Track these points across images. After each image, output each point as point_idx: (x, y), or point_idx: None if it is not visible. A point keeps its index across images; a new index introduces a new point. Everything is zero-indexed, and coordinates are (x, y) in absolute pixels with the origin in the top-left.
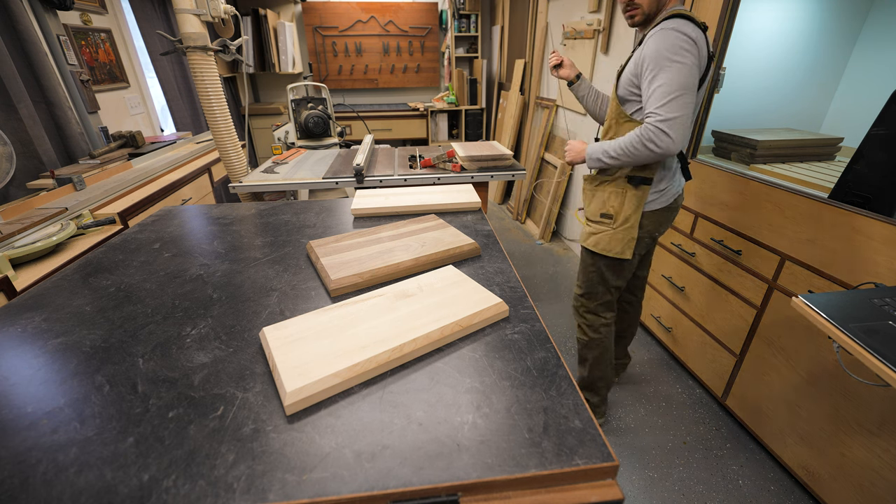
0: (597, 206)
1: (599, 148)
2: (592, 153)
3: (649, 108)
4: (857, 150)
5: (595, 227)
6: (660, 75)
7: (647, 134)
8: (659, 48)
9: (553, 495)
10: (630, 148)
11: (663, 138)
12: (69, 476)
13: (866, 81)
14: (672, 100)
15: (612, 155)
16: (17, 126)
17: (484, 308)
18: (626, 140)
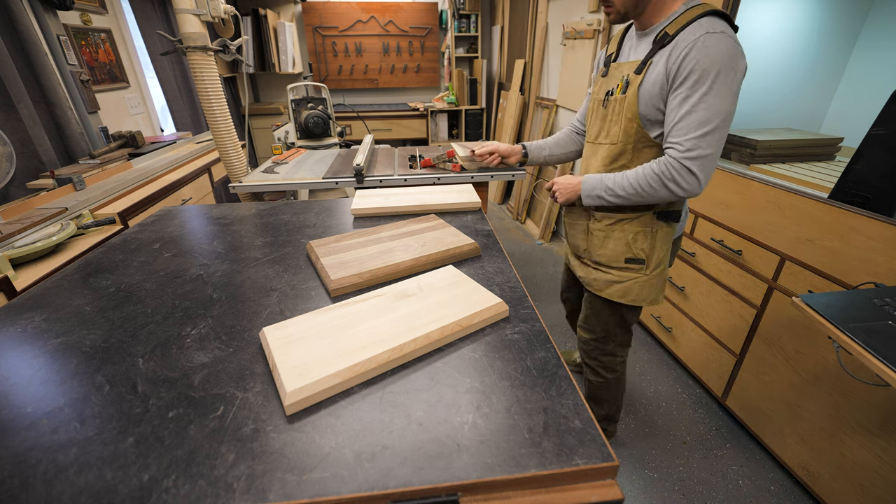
0: (617, 249)
1: (600, 183)
2: (591, 189)
3: (677, 136)
4: (857, 150)
5: (619, 275)
6: (703, 95)
7: (670, 171)
8: (712, 58)
9: (553, 495)
10: (645, 186)
11: (690, 180)
12: (69, 476)
13: (866, 81)
14: (710, 132)
15: (619, 193)
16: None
17: (484, 308)
18: (640, 176)
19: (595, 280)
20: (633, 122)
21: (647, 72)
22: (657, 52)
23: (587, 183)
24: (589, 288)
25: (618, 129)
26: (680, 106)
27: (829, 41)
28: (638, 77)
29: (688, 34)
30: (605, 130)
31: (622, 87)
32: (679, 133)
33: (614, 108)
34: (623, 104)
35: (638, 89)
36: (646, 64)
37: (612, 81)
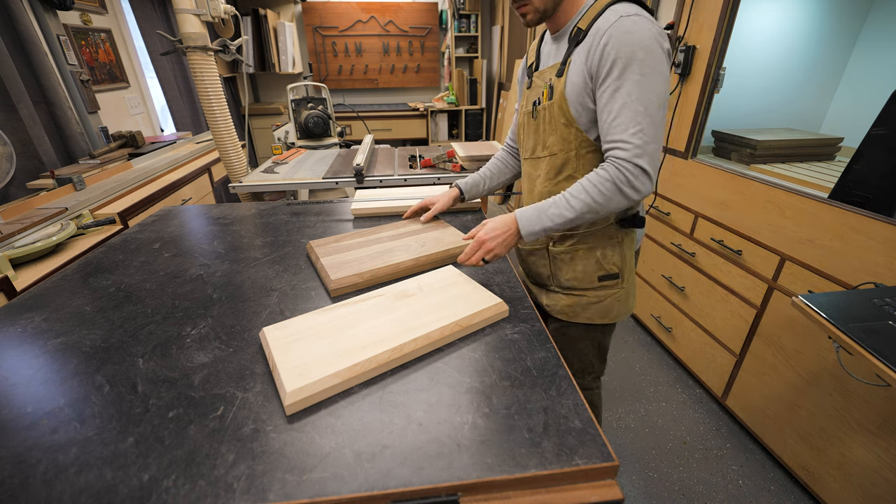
0: (588, 268)
1: (539, 213)
2: (531, 224)
3: (618, 133)
4: (857, 150)
5: (595, 295)
6: (634, 84)
7: (624, 175)
8: (632, 43)
9: (553, 495)
10: (598, 198)
11: (644, 180)
12: (69, 476)
13: (866, 81)
14: (649, 123)
15: (568, 216)
16: (18, 126)
17: (484, 308)
18: (589, 188)
19: (568, 307)
20: (570, 128)
21: (567, 71)
22: (574, 49)
23: (524, 219)
24: (560, 316)
25: (554, 137)
26: (612, 100)
27: (829, 41)
28: (561, 79)
29: (601, 24)
30: (542, 142)
31: (547, 93)
32: (619, 130)
33: (545, 117)
34: (552, 110)
35: (564, 91)
36: (565, 64)
37: (537, 91)
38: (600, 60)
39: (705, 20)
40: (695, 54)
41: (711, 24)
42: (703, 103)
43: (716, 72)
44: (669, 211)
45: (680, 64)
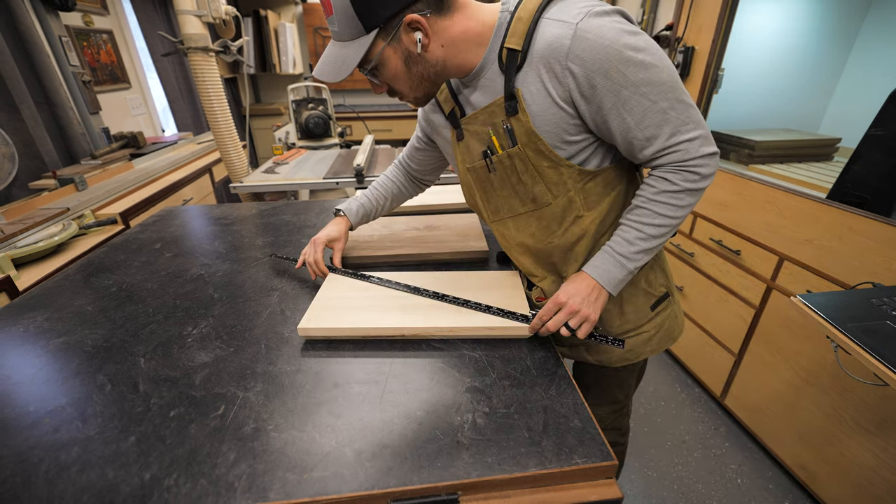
0: (639, 303)
1: (615, 261)
2: (614, 276)
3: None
4: (855, 150)
5: (654, 325)
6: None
7: (692, 174)
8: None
9: (553, 494)
10: (675, 213)
11: (712, 162)
12: (71, 475)
13: (864, 82)
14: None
15: (649, 247)
16: (20, 127)
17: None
18: (661, 205)
19: (628, 352)
20: (560, 168)
21: (524, 105)
22: (514, 77)
23: (602, 275)
24: (621, 364)
25: (542, 187)
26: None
27: (827, 42)
28: (519, 117)
29: (552, 43)
30: (521, 196)
31: (506, 138)
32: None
33: (515, 167)
34: (525, 157)
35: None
36: (514, 98)
37: (481, 139)
38: (583, 85)
39: (704, 21)
40: (694, 55)
41: (710, 25)
42: (702, 104)
43: (714, 72)
44: None
45: (679, 65)
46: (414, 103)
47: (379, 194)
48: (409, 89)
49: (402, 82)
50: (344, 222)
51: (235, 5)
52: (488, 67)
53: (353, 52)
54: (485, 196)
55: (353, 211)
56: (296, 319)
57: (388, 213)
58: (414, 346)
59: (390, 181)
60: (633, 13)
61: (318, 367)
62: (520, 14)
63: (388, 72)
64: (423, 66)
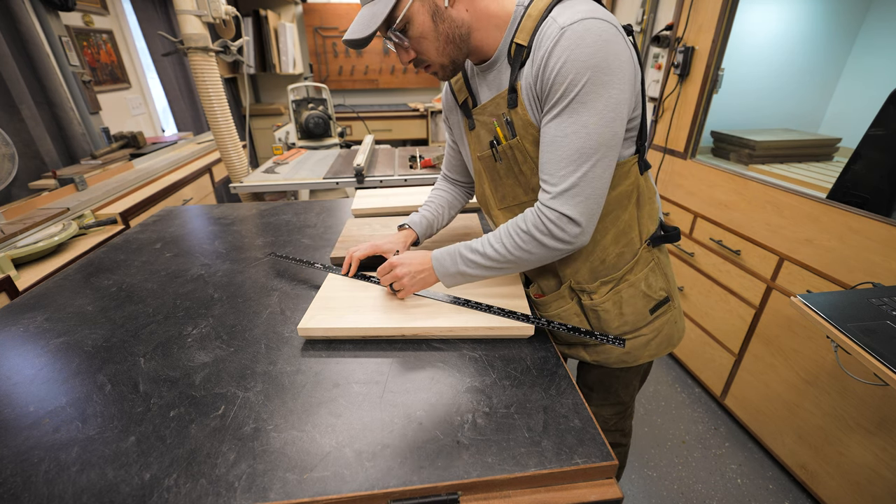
0: (638, 306)
1: (454, 257)
2: (446, 268)
3: (545, 173)
4: (855, 150)
5: (652, 328)
6: (575, 115)
7: (541, 223)
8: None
9: (553, 494)
10: (514, 251)
11: (569, 229)
12: (71, 475)
13: (864, 82)
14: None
15: (484, 263)
16: (20, 127)
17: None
18: (505, 237)
19: (625, 354)
20: None
21: (521, 98)
22: (518, 71)
23: (439, 260)
24: (619, 365)
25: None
26: (548, 130)
27: (827, 42)
28: (518, 110)
29: (543, 40)
30: (524, 186)
31: (507, 129)
32: (548, 167)
33: (516, 158)
34: (523, 148)
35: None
36: (515, 90)
37: (488, 129)
38: (544, 85)
39: (704, 21)
40: (694, 55)
41: (710, 24)
42: (701, 104)
43: (714, 72)
44: (669, 211)
45: (679, 65)
46: (441, 73)
47: (437, 205)
48: (435, 52)
49: (430, 42)
50: (409, 235)
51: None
52: (501, 59)
53: (381, 6)
54: (493, 184)
55: (417, 222)
56: (296, 319)
57: (448, 222)
58: (414, 346)
59: (442, 191)
60: (633, 13)
61: (318, 367)
62: (531, 11)
63: (415, 28)
64: (449, 25)
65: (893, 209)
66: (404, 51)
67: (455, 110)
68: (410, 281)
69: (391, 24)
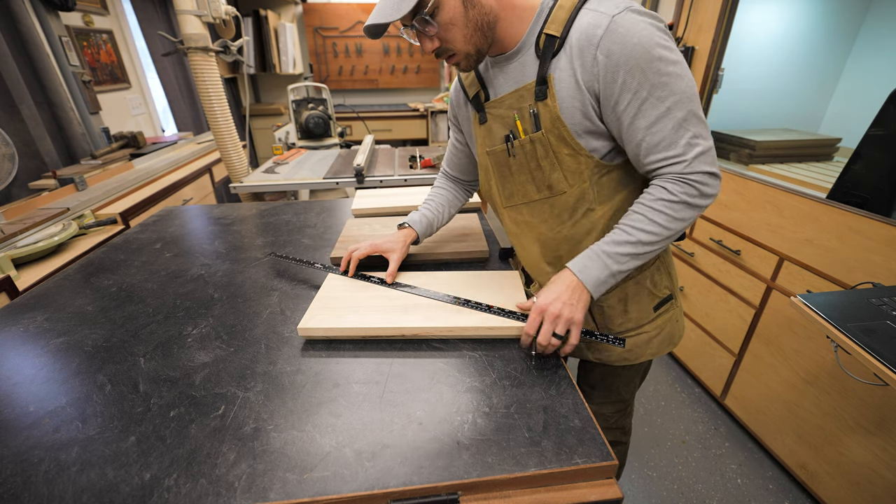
0: (643, 303)
1: (601, 261)
2: (596, 276)
3: (664, 151)
4: (855, 150)
5: (655, 326)
6: (658, 92)
7: (692, 188)
8: (639, 47)
9: (553, 494)
10: (669, 224)
11: (713, 182)
12: (71, 475)
13: (864, 82)
14: (696, 122)
15: (639, 252)
16: (20, 127)
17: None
18: (656, 214)
19: (627, 352)
20: (579, 157)
21: (554, 92)
22: (549, 62)
23: (584, 272)
24: (621, 363)
25: (559, 174)
26: (642, 115)
27: (827, 42)
28: (548, 103)
29: (588, 30)
30: (537, 183)
31: (530, 123)
32: (665, 146)
33: (536, 153)
34: (547, 143)
35: (560, 116)
36: (545, 83)
37: (505, 123)
38: (606, 76)
39: (704, 21)
40: (694, 55)
41: (710, 24)
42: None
43: (714, 72)
44: None
45: None
46: (463, 63)
47: (437, 203)
48: (463, 40)
49: (458, 29)
50: (408, 234)
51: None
52: (525, 51)
53: None
54: (501, 181)
55: (417, 221)
56: (296, 319)
57: (448, 220)
58: (414, 346)
59: (442, 189)
60: None
61: (318, 367)
62: (562, 2)
63: (445, 14)
64: (479, 12)
65: (893, 209)
66: (428, 39)
67: (464, 106)
68: (571, 311)
69: (420, 9)
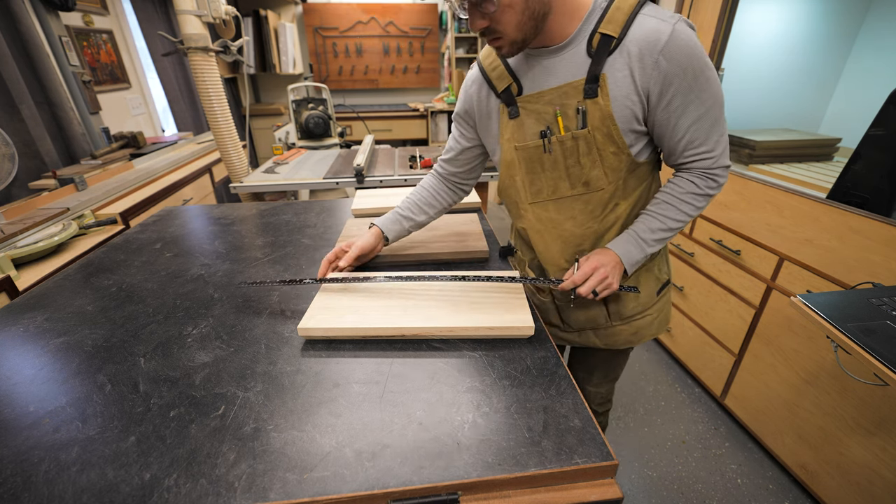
0: (650, 290)
1: (637, 243)
2: (634, 256)
3: (698, 147)
4: (855, 150)
5: (656, 308)
6: (702, 95)
7: (712, 181)
8: (693, 55)
9: (553, 494)
10: (692, 212)
11: (726, 174)
12: (71, 475)
13: (864, 82)
14: (723, 124)
15: (664, 236)
16: (20, 127)
17: (511, 325)
18: (682, 203)
19: (633, 335)
20: (621, 155)
21: (607, 91)
22: (604, 61)
23: (625, 255)
24: (625, 346)
25: (600, 171)
26: (685, 114)
27: (827, 42)
28: (598, 101)
29: (650, 35)
30: (572, 179)
31: (575, 120)
32: (699, 142)
33: (576, 150)
34: (592, 140)
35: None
36: (596, 82)
37: (541, 119)
38: (665, 79)
39: (704, 21)
40: None
41: (710, 24)
42: None
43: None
44: None
45: None
46: (507, 49)
47: (411, 202)
48: (515, 25)
49: (514, 14)
50: (375, 235)
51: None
52: (574, 47)
53: None
54: (529, 177)
55: (383, 225)
56: (296, 319)
57: (427, 223)
58: (414, 346)
59: (423, 189)
60: None
61: (318, 367)
62: (619, 4)
63: None
64: (537, 1)
65: (893, 209)
66: (481, 16)
67: (487, 99)
68: (612, 278)
69: None
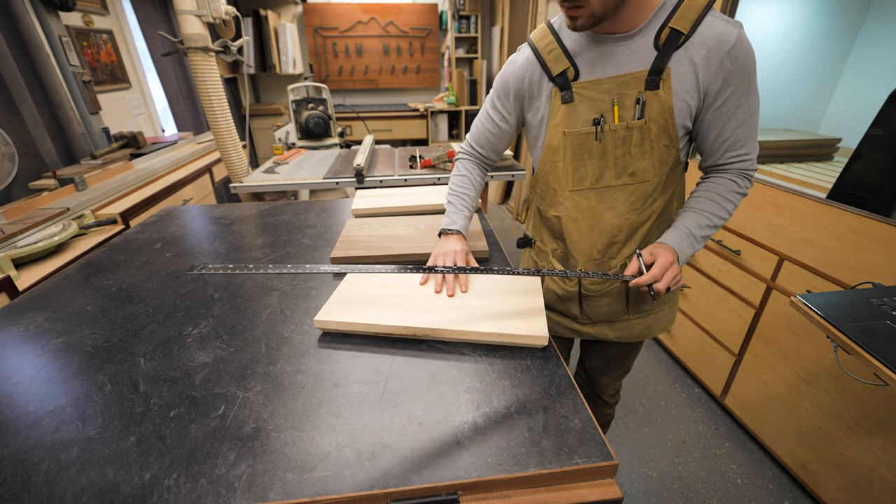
0: None
1: (690, 242)
2: (687, 253)
3: (742, 147)
4: (855, 150)
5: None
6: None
7: (749, 182)
8: (751, 60)
9: (553, 494)
10: (731, 209)
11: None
12: (71, 475)
13: (864, 82)
14: (757, 130)
15: (707, 235)
16: (20, 127)
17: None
18: (726, 202)
19: (646, 328)
20: (671, 149)
21: (670, 85)
22: (670, 55)
23: (681, 251)
24: (638, 339)
25: (648, 163)
26: (736, 114)
27: (827, 42)
28: (660, 94)
29: (720, 36)
30: (618, 169)
31: (633, 110)
32: (742, 143)
33: (629, 140)
34: (647, 132)
35: (672, 108)
36: (659, 74)
37: (589, 106)
38: (726, 80)
39: None
40: None
41: None
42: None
43: None
44: None
45: None
46: (582, 21)
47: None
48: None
49: None
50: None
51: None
52: (641, 38)
53: None
54: (574, 163)
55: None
56: (296, 319)
57: None
58: (414, 346)
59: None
60: None
61: (318, 366)
62: (689, 3)
63: None
64: None
65: (893, 209)
66: None
67: (539, 82)
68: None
69: None
